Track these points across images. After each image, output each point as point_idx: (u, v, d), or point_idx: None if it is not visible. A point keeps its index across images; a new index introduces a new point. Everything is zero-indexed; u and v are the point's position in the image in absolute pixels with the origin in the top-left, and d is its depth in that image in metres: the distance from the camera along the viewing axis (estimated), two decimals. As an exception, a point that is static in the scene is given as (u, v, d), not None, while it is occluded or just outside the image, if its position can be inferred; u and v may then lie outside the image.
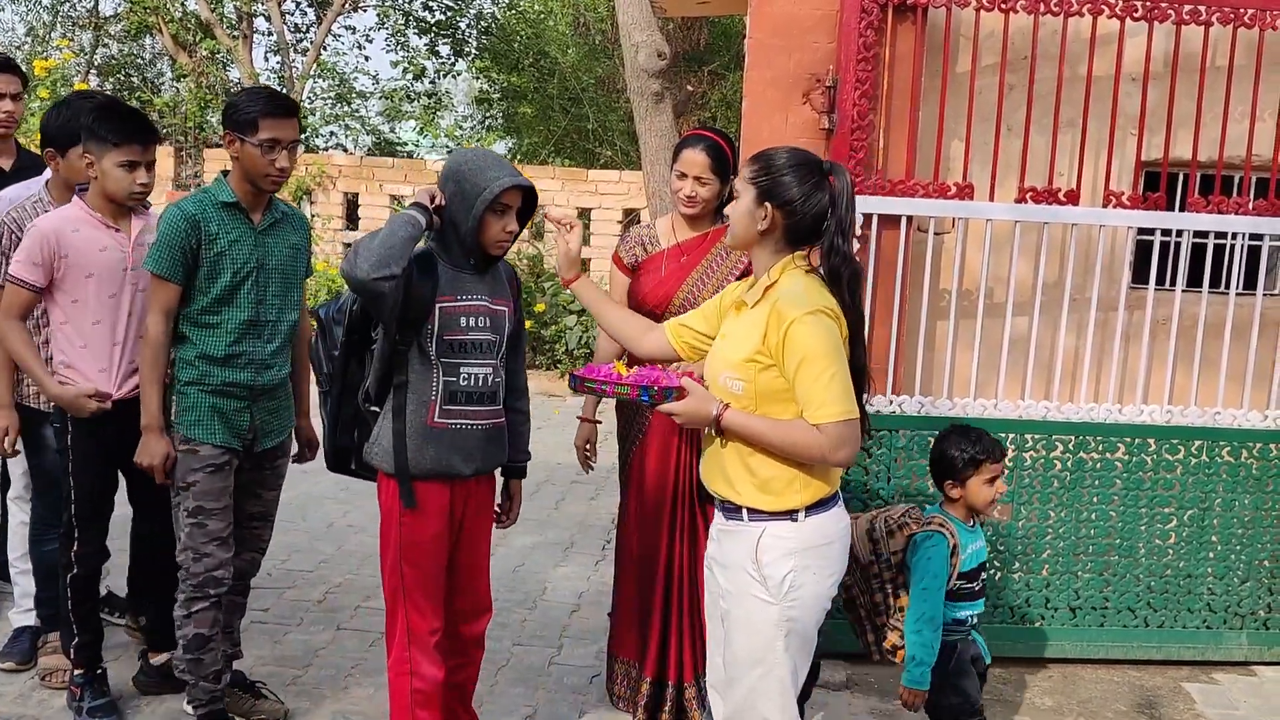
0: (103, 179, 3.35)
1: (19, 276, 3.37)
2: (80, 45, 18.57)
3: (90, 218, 3.41)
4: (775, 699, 2.55)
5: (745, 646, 2.56)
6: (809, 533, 2.52)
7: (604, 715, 3.72)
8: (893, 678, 4.07)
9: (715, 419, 2.50)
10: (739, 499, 2.54)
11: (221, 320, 3.24)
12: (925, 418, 4.09)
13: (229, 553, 3.30)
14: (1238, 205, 4.12)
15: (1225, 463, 4.18)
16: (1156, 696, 4.03)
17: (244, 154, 3.18)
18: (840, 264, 2.52)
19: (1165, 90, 4.10)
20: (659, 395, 2.54)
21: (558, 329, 9.66)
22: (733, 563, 2.57)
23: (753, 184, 2.53)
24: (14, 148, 4.24)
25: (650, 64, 7.08)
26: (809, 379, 2.42)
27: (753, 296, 2.56)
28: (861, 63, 3.96)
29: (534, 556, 5.32)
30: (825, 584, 2.56)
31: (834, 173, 2.54)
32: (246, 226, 3.26)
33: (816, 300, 2.46)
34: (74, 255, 3.36)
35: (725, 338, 2.63)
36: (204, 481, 3.24)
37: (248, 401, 3.30)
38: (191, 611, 3.28)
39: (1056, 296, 4.23)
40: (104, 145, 3.31)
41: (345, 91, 19.48)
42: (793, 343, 2.42)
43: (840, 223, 2.51)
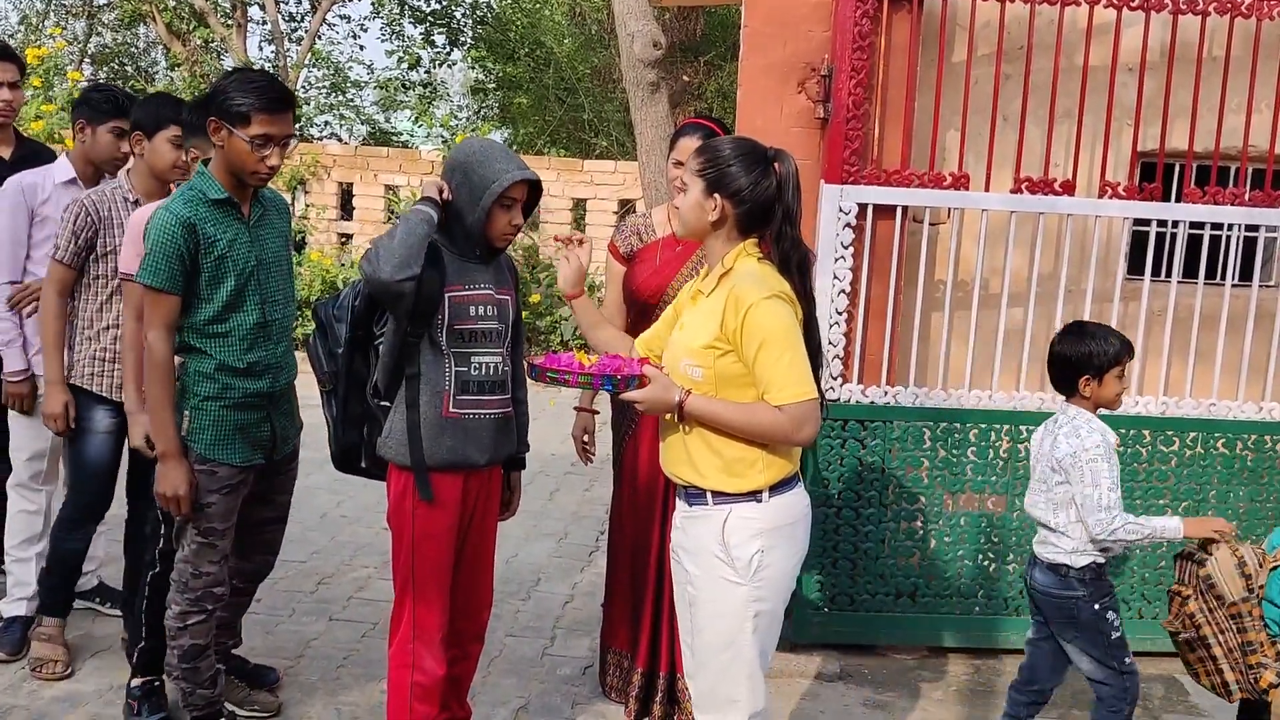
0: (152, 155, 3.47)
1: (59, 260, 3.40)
2: (74, 34, 18.48)
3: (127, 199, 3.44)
4: (743, 681, 2.58)
5: (714, 630, 2.59)
6: (774, 513, 2.56)
7: (597, 706, 3.72)
8: (885, 669, 4.08)
9: (678, 405, 2.53)
10: (703, 482, 2.57)
11: (232, 327, 3.05)
12: (920, 409, 4.08)
13: (226, 568, 3.20)
14: (1234, 196, 4.10)
15: (1220, 454, 4.17)
16: (1151, 688, 4.02)
17: (231, 147, 2.96)
18: (790, 249, 2.57)
19: (1162, 80, 4.09)
20: (622, 384, 2.56)
21: (553, 319, 9.64)
22: (700, 547, 2.60)
23: (700, 176, 2.57)
24: (14, 136, 4.21)
25: (646, 54, 7.06)
26: (769, 362, 2.46)
27: (708, 285, 2.61)
28: (857, 52, 3.94)
29: (528, 547, 5.31)
30: (791, 563, 2.61)
31: (778, 159, 2.57)
32: (240, 223, 3.08)
33: (772, 285, 2.51)
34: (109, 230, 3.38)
35: (684, 328, 2.66)
36: (219, 503, 3.10)
37: (266, 410, 3.16)
38: (187, 624, 3.16)
39: (1052, 288, 4.22)
40: None
41: (340, 81, 19.41)
42: (751, 327, 2.46)
43: (787, 209, 2.56)
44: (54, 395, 3.60)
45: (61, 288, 3.59)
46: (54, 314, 3.58)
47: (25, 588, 3.92)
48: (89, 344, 3.62)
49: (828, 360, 2.71)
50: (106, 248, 3.56)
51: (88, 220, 3.53)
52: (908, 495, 4.12)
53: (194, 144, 3.38)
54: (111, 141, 3.77)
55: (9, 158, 4.11)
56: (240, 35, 16.13)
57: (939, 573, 4.16)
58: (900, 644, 4.20)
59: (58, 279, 3.58)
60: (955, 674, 4.08)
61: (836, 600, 4.15)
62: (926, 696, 3.91)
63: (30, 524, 3.94)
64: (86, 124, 3.80)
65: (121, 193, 3.61)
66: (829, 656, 4.10)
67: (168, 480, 3.01)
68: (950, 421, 4.09)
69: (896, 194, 4.01)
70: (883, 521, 4.12)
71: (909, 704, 3.84)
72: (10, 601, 3.96)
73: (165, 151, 3.56)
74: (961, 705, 3.86)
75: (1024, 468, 4.12)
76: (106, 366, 3.60)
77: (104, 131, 3.77)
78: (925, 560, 4.16)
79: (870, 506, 4.11)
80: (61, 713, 3.52)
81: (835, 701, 3.84)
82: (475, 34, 18.84)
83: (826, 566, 4.12)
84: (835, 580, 4.14)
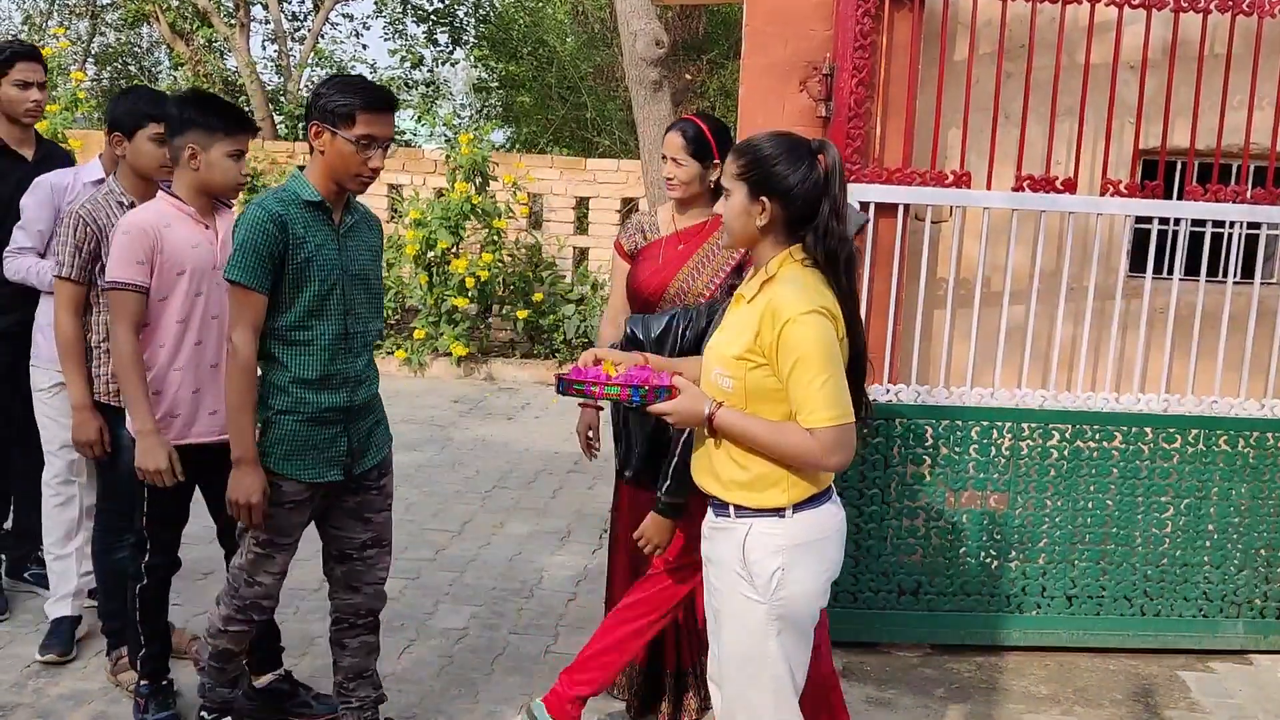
0: (208, 169, 3.18)
1: (125, 279, 3.15)
2: (77, 33, 18.50)
3: (182, 213, 3.24)
4: (769, 697, 2.49)
5: (735, 644, 2.51)
6: (798, 529, 2.45)
7: (600, 704, 3.72)
8: (889, 666, 4.09)
9: (708, 418, 2.44)
10: (726, 495, 2.49)
11: (312, 336, 2.95)
12: (922, 406, 4.09)
13: (280, 584, 3.14)
14: (1235, 194, 4.11)
15: (1222, 451, 4.17)
16: (1153, 685, 4.03)
17: (334, 149, 2.87)
18: (837, 245, 2.42)
19: (1163, 78, 4.09)
20: (650, 395, 2.48)
21: (555, 318, 9.65)
22: (722, 560, 2.52)
23: (742, 179, 2.43)
24: (34, 137, 4.17)
25: (648, 52, 7.06)
26: (803, 382, 2.35)
27: (750, 290, 2.49)
28: (858, 50, 3.95)
29: (530, 545, 5.32)
30: (818, 581, 2.50)
31: (822, 150, 2.43)
32: (330, 229, 2.97)
33: (814, 299, 2.37)
34: (169, 251, 3.18)
35: (723, 330, 2.56)
36: (283, 518, 3.02)
37: (342, 425, 3.04)
38: (228, 629, 3.13)
39: (1054, 285, 4.23)
40: (213, 135, 3.14)
41: (343, 80, 19.38)
42: (787, 343, 2.34)
43: (834, 203, 2.42)
44: (86, 421, 3.49)
45: (74, 306, 3.46)
46: (72, 336, 3.46)
47: (68, 584, 3.90)
48: (108, 358, 3.48)
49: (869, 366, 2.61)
50: None
51: (87, 231, 3.42)
52: (910, 493, 4.13)
53: (187, 140, 3.16)
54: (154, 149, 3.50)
55: (32, 158, 4.09)
56: (243, 35, 16.12)
57: (941, 570, 4.17)
58: (903, 641, 4.21)
59: (69, 298, 3.45)
60: (958, 671, 4.09)
61: (839, 597, 4.15)
62: (929, 694, 3.91)
63: (66, 520, 3.90)
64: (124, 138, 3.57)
65: (114, 197, 3.51)
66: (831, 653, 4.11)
67: (241, 488, 2.93)
68: (952, 419, 4.10)
69: (898, 192, 4.02)
70: (885, 519, 4.13)
71: (911, 701, 3.85)
72: (55, 601, 3.92)
73: (147, 150, 3.45)
74: (964, 702, 3.87)
75: (1026, 465, 4.13)
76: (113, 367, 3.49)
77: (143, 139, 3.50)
78: (927, 558, 4.17)
79: (872, 504, 4.11)
80: (67, 710, 3.53)
81: (838, 698, 3.85)
82: (478, 33, 18.85)
83: (829, 564, 4.12)
84: (838, 578, 4.13)
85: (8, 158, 4.05)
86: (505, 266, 9.93)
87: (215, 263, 3.24)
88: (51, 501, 3.90)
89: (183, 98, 3.27)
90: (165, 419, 3.24)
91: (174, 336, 3.24)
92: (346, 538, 3.20)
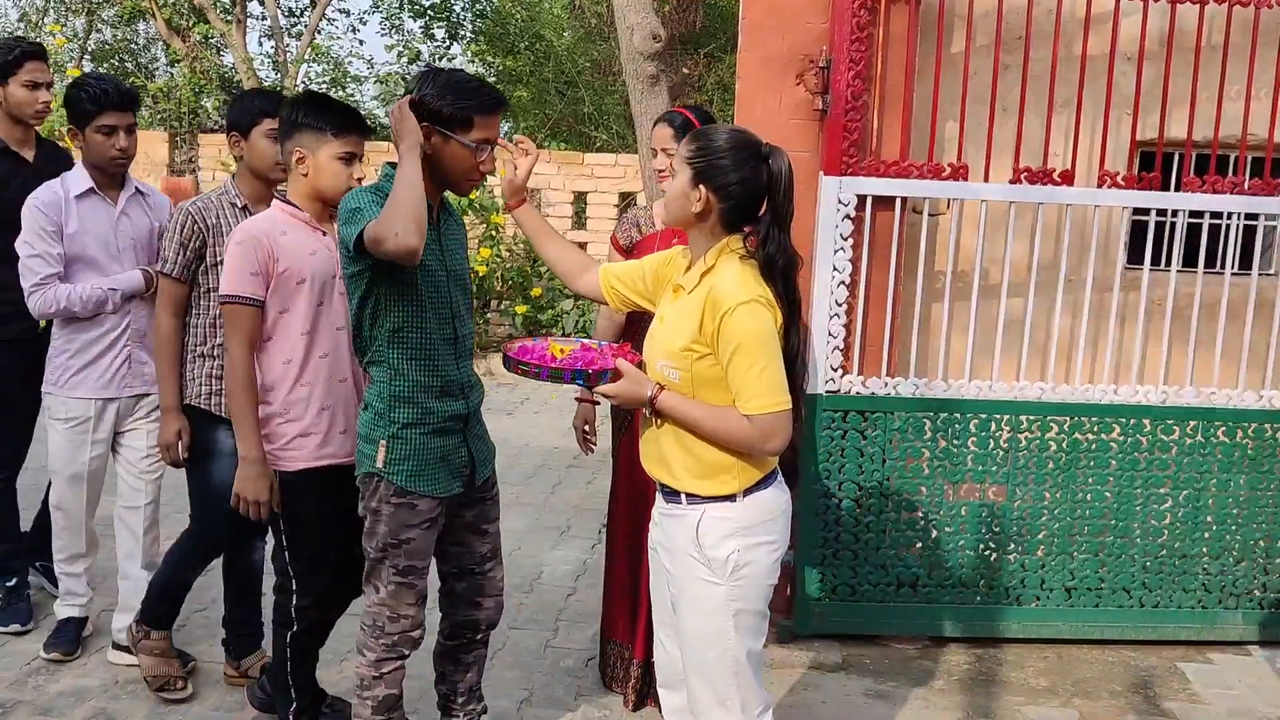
0: (316, 174, 3.01)
1: (239, 292, 2.96)
2: (74, 30, 18.47)
3: (296, 219, 3.08)
4: (730, 677, 2.55)
5: (697, 629, 2.56)
6: (749, 511, 2.51)
7: (599, 698, 3.73)
8: (887, 659, 4.09)
9: (650, 400, 2.50)
10: (676, 483, 2.54)
11: (422, 341, 2.80)
12: (920, 399, 4.09)
13: (424, 610, 2.96)
14: (1233, 185, 4.10)
15: (1220, 443, 4.18)
16: (1152, 676, 4.04)
17: (447, 152, 2.74)
18: (775, 252, 2.45)
19: (1161, 69, 4.08)
20: (594, 378, 2.51)
21: (554, 313, 9.64)
22: (676, 546, 2.57)
23: (689, 164, 2.48)
24: (35, 138, 4.07)
25: (646, 46, 7.05)
26: (741, 369, 2.41)
27: (689, 281, 2.53)
28: (855, 43, 3.94)
29: (530, 540, 5.33)
30: (770, 560, 2.55)
31: (771, 157, 2.46)
32: (432, 229, 2.83)
33: (752, 289, 2.43)
34: (287, 261, 3.00)
35: (663, 322, 2.60)
36: (420, 539, 2.85)
37: (462, 434, 2.91)
38: (383, 673, 2.92)
39: (1052, 277, 4.22)
40: (320, 137, 2.98)
41: (340, 76, 19.40)
42: (727, 332, 2.40)
43: (777, 210, 2.46)
44: (169, 422, 3.41)
45: (176, 306, 3.37)
46: (171, 336, 3.38)
47: (78, 596, 3.89)
48: (203, 361, 3.41)
49: (814, 362, 2.65)
50: (216, 258, 3.33)
51: (195, 229, 3.32)
52: (908, 485, 4.13)
53: (296, 144, 3.01)
54: (269, 146, 3.36)
55: (33, 159, 3.99)
56: (240, 31, 16.09)
57: (940, 563, 4.17)
58: (901, 634, 4.22)
59: (171, 296, 3.37)
60: (956, 663, 4.10)
61: (837, 590, 4.16)
62: (928, 686, 3.92)
63: (73, 544, 3.83)
64: (241, 137, 3.45)
65: (228, 198, 3.39)
66: (830, 647, 4.11)
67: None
68: (950, 412, 4.10)
69: (896, 185, 4.01)
70: (883, 512, 4.13)
71: (910, 694, 3.85)
72: (63, 604, 3.91)
73: (263, 147, 3.35)
74: (963, 694, 3.87)
75: (1025, 457, 4.13)
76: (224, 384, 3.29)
77: (259, 135, 3.39)
78: (926, 550, 4.17)
79: (871, 497, 4.11)
80: (68, 707, 3.54)
81: (836, 691, 3.86)
82: (475, 28, 18.83)
83: (827, 557, 4.13)
84: (836, 571, 4.15)
85: (9, 160, 3.95)
86: (504, 261, 9.92)
87: (336, 270, 3.05)
88: (58, 524, 3.83)
89: (294, 99, 3.11)
90: (296, 440, 3.05)
91: (299, 350, 3.04)
92: (468, 553, 3.06)
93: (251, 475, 2.99)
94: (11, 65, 3.87)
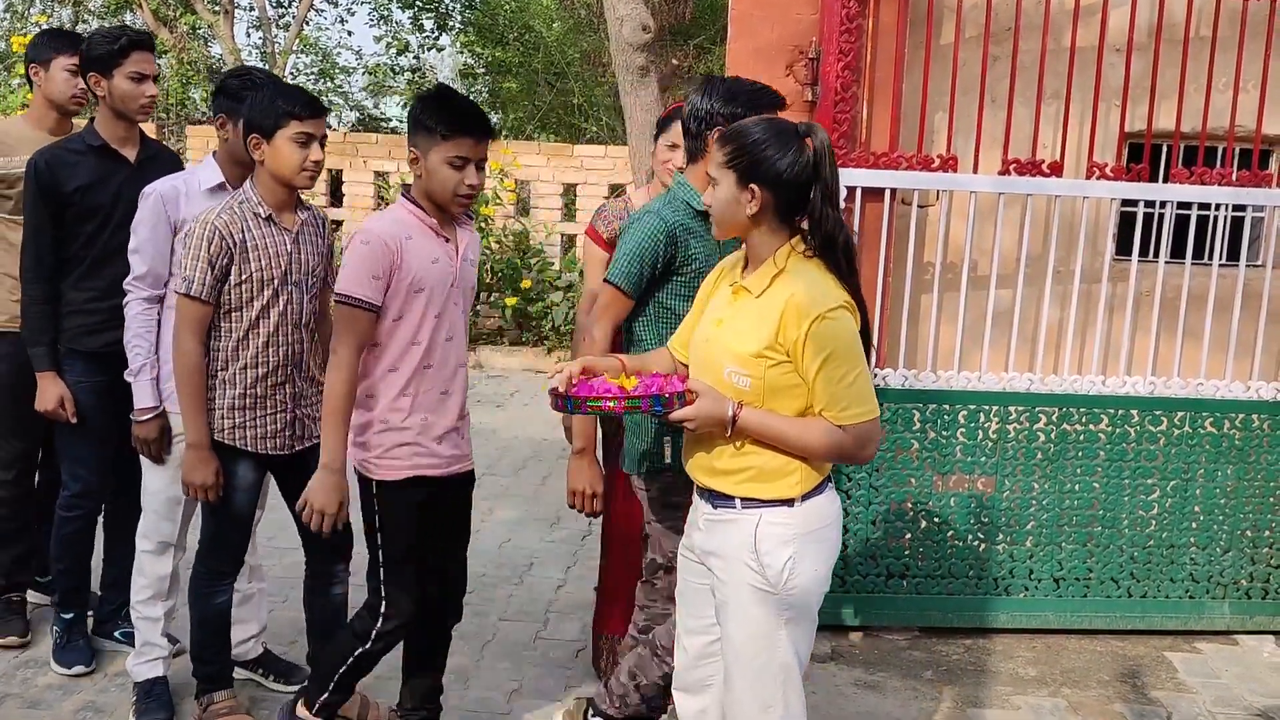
0: (428, 177, 2.83)
1: (360, 295, 2.80)
2: (60, 21, 18.37)
3: (423, 224, 2.89)
4: (778, 686, 2.48)
5: (746, 635, 2.47)
6: (806, 518, 2.43)
7: (590, 689, 3.73)
8: (877, 649, 4.10)
9: (732, 419, 2.37)
10: (731, 489, 2.45)
11: None
12: (909, 391, 4.10)
13: None
14: (1221, 176, 4.12)
15: (1208, 433, 4.19)
16: (1139, 666, 4.06)
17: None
18: (834, 229, 2.37)
19: (1149, 61, 4.09)
20: (670, 402, 2.39)
21: (543, 305, 9.63)
22: (728, 553, 2.47)
23: (730, 166, 2.38)
24: (139, 136, 3.63)
25: (635, 38, 7.04)
26: (833, 380, 2.33)
27: (756, 284, 2.41)
28: (844, 34, 3.94)
29: (520, 532, 5.33)
30: (824, 568, 2.48)
31: (810, 134, 2.37)
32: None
33: (834, 295, 2.35)
34: (409, 267, 2.83)
35: (721, 325, 2.47)
36: None
37: None
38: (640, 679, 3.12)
39: (1040, 269, 4.24)
40: (431, 138, 2.80)
41: (328, 67, 19.35)
42: (815, 342, 2.31)
43: (825, 186, 2.36)
44: (203, 462, 3.08)
45: (200, 330, 3.05)
46: (195, 365, 3.05)
47: (157, 649, 3.46)
48: (225, 388, 3.09)
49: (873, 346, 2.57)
50: (242, 275, 3.03)
51: (223, 246, 2.99)
52: (898, 476, 4.14)
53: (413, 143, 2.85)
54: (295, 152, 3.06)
55: (135, 159, 3.56)
56: (227, 22, 16.04)
57: (929, 553, 4.18)
58: (891, 624, 4.23)
59: (195, 319, 3.03)
60: (945, 654, 4.11)
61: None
62: (917, 676, 3.93)
63: (159, 581, 3.46)
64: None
65: (250, 208, 3.06)
66: (820, 637, 4.07)
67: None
68: (940, 403, 4.11)
69: (885, 176, 4.02)
70: (872, 502, 4.14)
71: (900, 684, 3.87)
72: (144, 662, 3.46)
73: (288, 153, 3.01)
74: (952, 685, 3.88)
75: (1013, 448, 4.14)
76: (248, 415, 3.11)
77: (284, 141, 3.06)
78: (915, 541, 4.19)
79: (860, 488, 4.12)
80: (56, 700, 3.53)
81: (826, 682, 3.87)
82: (464, 18, 18.78)
83: (817, 548, 4.13)
84: (826, 562, 4.15)
85: (109, 159, 3.52)
86: (493, 253, 9.90)
87: (454, 280, 2.93)
88: (143, 558, 3.45)
89: (421, 96, 2.90)
90: (395, 450, 2.92)
91: (407, 360, 2.90)
92: None
93: (328, 485, 2.86)
94: (116, 55, 3.44)
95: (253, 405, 3.11)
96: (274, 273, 3.07)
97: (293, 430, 3.20)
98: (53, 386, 3.53)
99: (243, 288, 3.04)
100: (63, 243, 3.50)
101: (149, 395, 3.27)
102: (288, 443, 3.20)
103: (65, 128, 3.85)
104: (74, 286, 3.53)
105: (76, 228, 3.49)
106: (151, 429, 3.28)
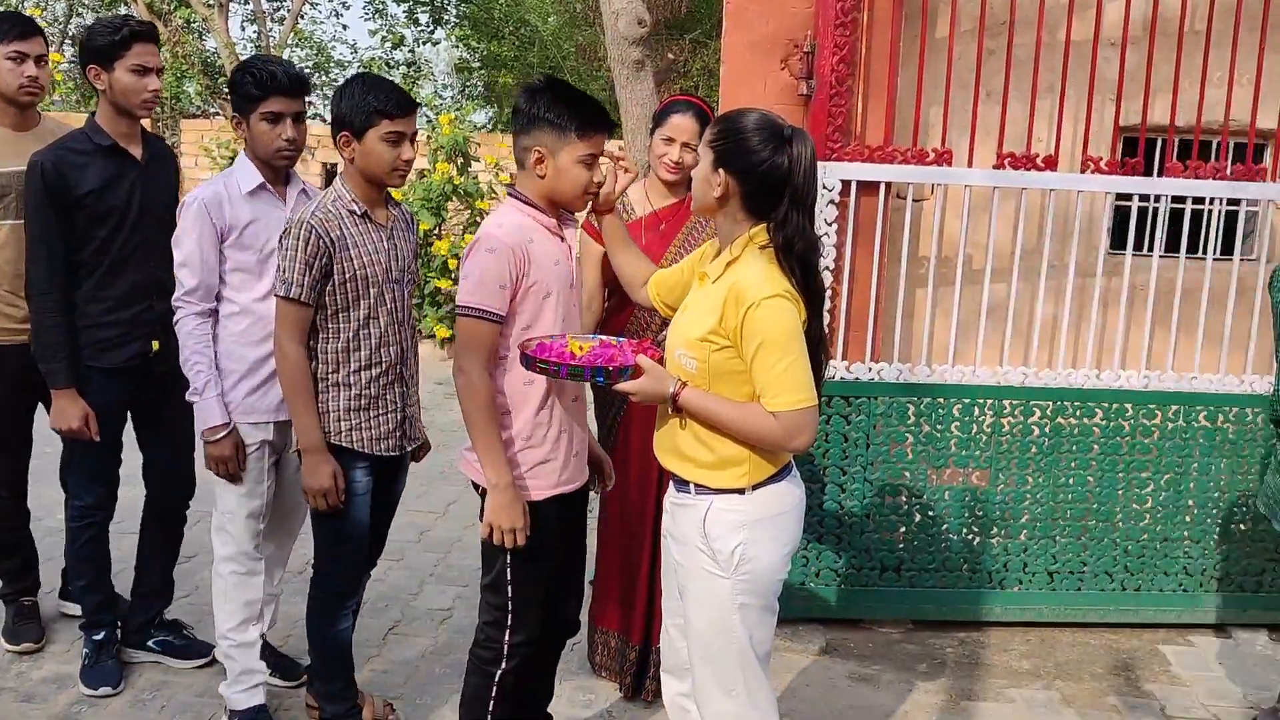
0: (556, 177, 2.67)
1: (486, 306, 2.61)
2: (54, 14, 18.33)
3: (543, 226, 2.72)
4: (736, 670, 2.52)
5: (703, 619, 2.53)
6: (758, 505, 2.47)
7: (585, 682, 3.73)
8: (871, 642, 4.11)
9: (672, 397, 2.45)
10: (687, 474, 2.51)
11: None
12: (903, 384, 4.10)
13: None
14: (1215, 170, 4.12)
15: (1202, 427, 4.20)
16: (1133, 659, 4.07)
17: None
18: (792, 235, 2.38)
19: (1143, 55, 4.09)
20: (614, 375, 2.46)
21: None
22: (684, 537, 2.53)
23: (711, 147, 2.44)
24: (140, 132, 3.49)
25: (631, 31, 7.04)
26: (766, 365, 2.35)
27: (714, 270, 2.47)
28: (839, 28, 3.94)
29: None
30: (778, 555, 2.51)
31: (794, 140, 2.39)
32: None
33: (777, 283, 2.37)
34: (536, 272, 2.66)
35: (686, 310, 2.55)
36: None
37: None
38: None
39: (1035, 263, 4.24)
40: (564, 136, 2.63)
41: (323, 61, 19.35)
42: (751, 327, 2.34)
43: (796, 193, 2.39)
44: (320, 466, 2.94)
45: (302, 333, 2.92)
46: (301, 368, 2.92)
47: (256, 675, 3.31)
48: (336, 391, 2.97)
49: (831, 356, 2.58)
50: (345, 275, 2.91)
51: (321, 246, 2.86)
52: (892, 470, 4.14)
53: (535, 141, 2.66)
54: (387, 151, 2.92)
55: (142, 158, 3.44)
56: (222, 15, 15.99)
57: (923, 547, 4.19)
58: (885, 617, 4.24)
59: (295, 321, 2.90)
60: (940, 646, 4.12)
61: (821, 575, 4.17)
62: (911, 669, 3.94)
63: (248, 607, 3.30)
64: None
65: (344, 204, 2.94)
66: (814, 631, 4.13)
67: None
68: (934, 397, 4.11)
69: (880, 170, 4.01)
70: (867, 496, 4.15)
71: (894, 677, 3.88)
72: (243, 690, 3.28)
73: (379, 152, 2.89)
74: (946, 677, 3.89)
75: (1007, 442, 4.15)
76: (362, 416, 3.00)
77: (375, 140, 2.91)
78: (909, 534, 4.19)
79: (855, 482, 4.13)
80: (50, 693, 3.52)
81: (820, 675, 3.87)
82: (459, 12, 18.76)
83: (811, 541, 4.14)
84: (820, 555, 4.16)
85: (117, 158, 3.37)
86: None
87: (572, 280, 2.78)
88: (229, 580, 3.28)
89: (533, 88, 2.69)
90: (538, 468, 2.74)
91: None
92: None
93: (504, 503, 2.64)
94: (118, 47, 3.28)
95: (367, 406, 3.01)
96: (376, 271, 2.96)
97: (403, 430, 3.12)
98: (72, 405, 3.34)
99: (347, 287, 2.93)
100: (73, 249, 3.32)
101: (218, 413, 3.14)
102: (399, 443, 3.11)
103: (30, 121, 3.63)
104: (89, 298, 3.36)
105: (89, 233, 3.32)
106: (225, 446, 3.15)
